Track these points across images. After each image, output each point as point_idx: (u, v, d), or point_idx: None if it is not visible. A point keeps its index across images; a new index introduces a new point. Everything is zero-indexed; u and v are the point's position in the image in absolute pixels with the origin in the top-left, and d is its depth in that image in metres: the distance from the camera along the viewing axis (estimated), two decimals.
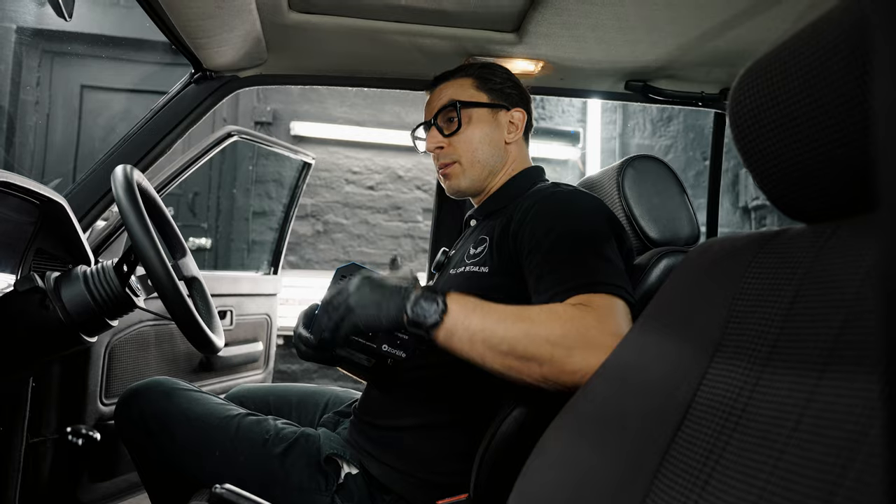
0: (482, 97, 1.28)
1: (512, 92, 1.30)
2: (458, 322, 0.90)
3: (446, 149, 1.27)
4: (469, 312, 0.91)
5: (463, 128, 1.26)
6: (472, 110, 1.26)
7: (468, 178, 1.27)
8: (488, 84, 1.29)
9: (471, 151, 1.26)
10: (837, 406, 0.45)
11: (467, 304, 0.92)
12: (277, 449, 1.11)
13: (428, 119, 1.31)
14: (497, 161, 1.28)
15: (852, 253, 0.52)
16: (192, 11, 1.13)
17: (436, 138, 1.28)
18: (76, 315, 1.06)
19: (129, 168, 1.07)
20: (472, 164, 1.26)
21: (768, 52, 0.59)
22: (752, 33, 1.31)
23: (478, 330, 0.89)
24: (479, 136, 1.26)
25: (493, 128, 1.27)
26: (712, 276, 0.67)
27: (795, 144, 0.55)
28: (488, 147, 1.26)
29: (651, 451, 0.60)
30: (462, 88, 1.28)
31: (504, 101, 1.29)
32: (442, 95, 1.30)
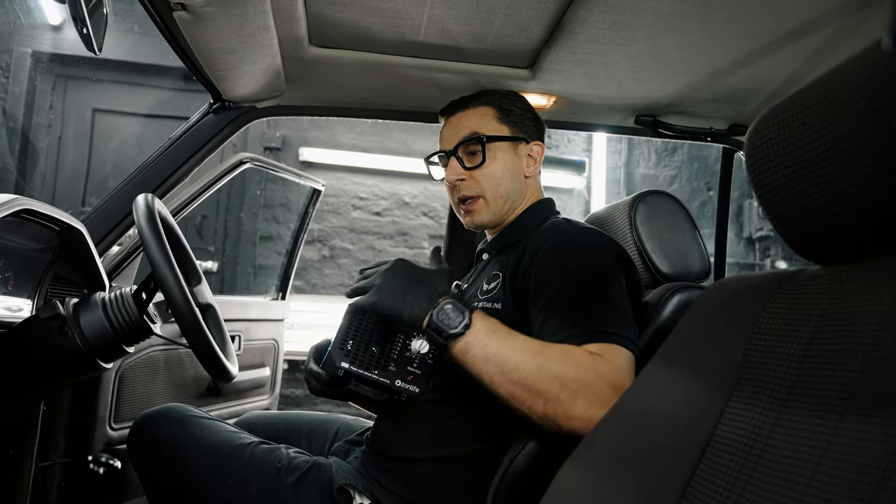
0: (504, 130, 1.26)
1: (531, 124, 1.30)
2: (478, 340, 0.92)
3: (468, 181, 1.25)
4: (490, 333, 0.93)
5: (487, 162, 1.24)
6: (495, 144, 1.25)
7: (491, 213, 1.26)
8: (510, 116, 1.27)
9: (494, 186, 1.24)
10: (859, 449, 0.46)
11: (490, 325, 0.94)
12: (290, 478, 1.11)
13: (447, 148, 1.28)
14: (518, 195, 1.27)
15: (869, 296, 0.53)
16: (215, 46, 1.16)
17: (457, 170, 1.25)
18: (94, 342, 1.07)
19: (150, 197, 1.09)
20: (495, 199, 1.25)
21: (784, 99, 0.60)
22: (761, 72, 1.33)
23: (493, 352, 0.91)
24: (502, 171, 1.25)
25: (514, 162, 1.26)
26: (728, 315, 0.68)
27: (812, 188, 0.56)
28: (510, 182, 1.26)
29: (670, 488, 0.61)
30: (484, 120, 1.26)
31: (524, 134, 1.28)
32: (462, 125, 1.27)
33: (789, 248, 0.63)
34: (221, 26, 1.08)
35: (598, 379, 0.88)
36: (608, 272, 1.04)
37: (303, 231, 2.54)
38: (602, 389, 0.87)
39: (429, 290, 0.96)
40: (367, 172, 4.22)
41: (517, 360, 0.90)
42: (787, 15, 1.12)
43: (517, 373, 0.89)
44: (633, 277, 1.10)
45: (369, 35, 1.25)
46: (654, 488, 0.62)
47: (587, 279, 1.03)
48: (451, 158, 1.27)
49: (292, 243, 2.59)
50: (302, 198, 2.57)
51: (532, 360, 0.90)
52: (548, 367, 0.89)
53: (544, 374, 0.88)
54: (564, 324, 0.97)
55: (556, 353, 0.91)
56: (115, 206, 1.45)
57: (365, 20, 1.20)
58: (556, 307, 1.00)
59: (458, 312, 0.93)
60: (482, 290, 1.18)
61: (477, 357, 0.92)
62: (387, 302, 0.96)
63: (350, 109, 1.63)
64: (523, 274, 1.09)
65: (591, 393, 0.87)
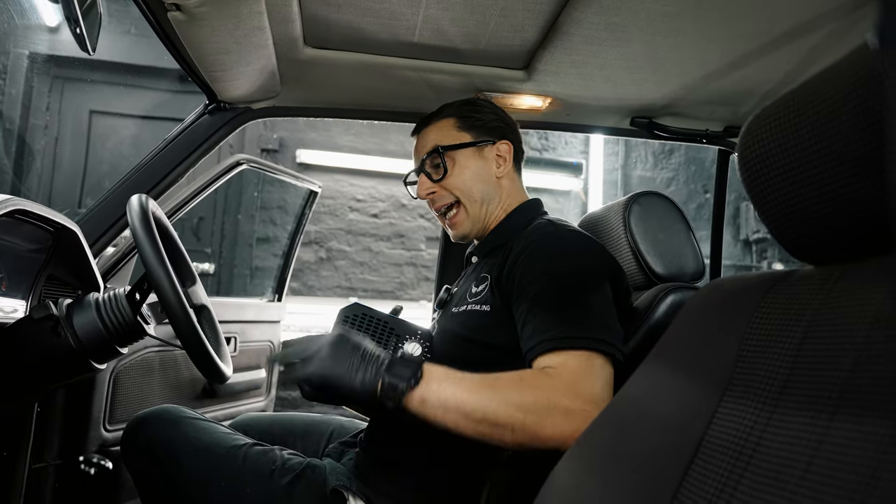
0: (465, 137, 1.28)
1: (497, 125, 1.31)
2: (432, 389, 0.91)
3: (439, 192, 1.29)
4: (443, 380, 0.92)
5: (450, 171, 1.27)
6: (455, 152, 1.27)
7: (471, 220, 1.28)
8: (470, 121, 1.29)
9: (465, 192, 1.27)
10: (850, 449, 0.46)
11: (441, 373, 0.93)
12: (284, 480, 1.10)
13: (416, 167, 1.33)
14: (493, 197, 1.29)
15: (860, 296, 0.53)
16: (210, 46, 1.16)
17: (425, 185, 1.29)
18: (87, 342, 1.06)
19: (144, 197, 1.09)
20: (471, 204, 1.27)
21: (777, 99, 0.60)
22: (756, 74, 1.34)
23: (451, 398, 0.90)
24: (470, 176, 1.27)
25: (480, 165, 1.28)
26: (722, 315, 0.68)
27: (805, 189, 0.56)
28: (481, 184, 1.27)
29: (662, 488, 0.60)
30: (444, 131, 1.29)
31: (488, 136, 1.30)
32: (426, 142, 1.31)
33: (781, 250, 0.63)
34: (216, 27, 1.08)
35: (559, 395, 0.88)
36: (588, 276, 1.04)
37: (299, 233, 2.54)
38: (566, 404, 0.87)
39: (375, 359, 0.93)
40: (365, 174, 4.23)
41: (475, 401, 0.89)
42: (782, 16, 1.13)
43: (478, 412, 0.89)
44: (619, 281, 1.10)
45: (364, 36, 1.25)
46: (648, 488, 0.62)
47: (564, 284, 1.03)
48: (421, 175, 1.31)
49: (289, 245, 2.59)
50: (299, 199, 2.57)
51: (490, 396, 0.89)
52: (507, 398, 0.89)
53: (505, 407, 0.88)
54: (535, 331, 0.98)
55: (511, 382, 0.91)
56: (109, 207, 1.45)
57: (360, 21, 1.20)
58: (534, 311, 1.00)
59: (406, 367, 0.92)
60: (471, 293, 1.18)
61: (436, 407, 0.91)
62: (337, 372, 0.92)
63: (345, 111, 1.63)
64: (507, 275, 1.10)
65: (556, 411, 0.87)
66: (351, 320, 1.09)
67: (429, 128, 1.32)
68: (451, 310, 1.21)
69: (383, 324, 1.10)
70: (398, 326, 1.10)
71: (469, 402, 0.89)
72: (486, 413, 0.89)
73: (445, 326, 1.19)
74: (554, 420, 0.87)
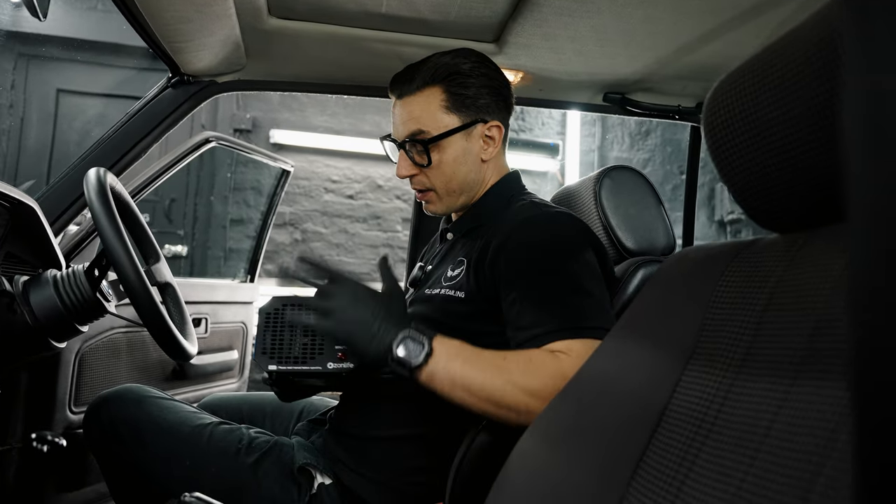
0: (453, 120, 1.16)
1: (487, 101, 1.18)
2: (441, 366, 0.93)
3: (418, 177, 1.19)
4: (452, 357, 0.93)
5: (435, 161, 1.16)
6: (439, 143, 1.16)
7: (445, 205, 1.22)
8: (460, 100, 1.16)
9: (444, 183, 1.18)
10: (809, 412, 0.46)
11: (451, 349, 0.94)
12: (250, 458, 1.09)
13: (396, 139, 1.20)
14: (475, 181, 1.21)
15: (823, 262, 0.53)
16: (170, 15, 1.12)
17: (406, 166, 1.19)
18: (45, 320, 1.04)
19: (102, 171, 1.06)
20: (447, 193, 1.20)
21: (741, 64, 0.59)
22: (728, 48, 1.33)
23: (458, 376, 0.92)
24: (453, 165, 1.17)
25: (466, 149, 1.18)
26: (687, 285, 0.68)
27: (768, 155, 0.56)
28: (464, 170, 1.18)
29: (625, 459, 0.60)
30: (430, 110, 1.15)
31: (477, 116, 1.17)
32: (409, 115, 1.17)
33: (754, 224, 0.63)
34: None
35: (566, 380, 0.87)
36: (579, 260, 1.03)
37: (271, 213, 2.51)
38: None
39: (392, 322, 0.95)
40: (340, 155, 4.18)
41: (483, 380, 0.91)
42: None
43: (485, 392, 0.91)
44: (605, 258, 1.09)
45: (331, 5, 1.22)
46: (610, 459, 0.62)
47: (557, 270, 1.02)
48: (401, 152, 1.19)
49: (261, 225, 2.55)
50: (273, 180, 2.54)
51: (496, 376, 0.91)
52: (513, 380, 0.90)
53: (511, 389, 0.90)
54: (535, 320, 0.97)
55: (519, 364, 0.92)
56: (70, 183, 1.40)
57: None
58: (529, 302, 0.99)
59: (417, 344, 0.93)
60: (446, 276, 1.16)
61: (444, 382, 0.93)
62: (351, 336, 0.94)
63: (313, 85, 1.60)
64: (490, 264, 1.07)
65: None
66: (274, 315, 1.05)
67: (413, 96, 1.16)
68: (425, 290, 1.19)
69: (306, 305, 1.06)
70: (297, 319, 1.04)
71: (476, 381, 0.91)
72: (492, 393, 0.91)
73: (418, 308, 1.17)
74: None
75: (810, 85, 0.51)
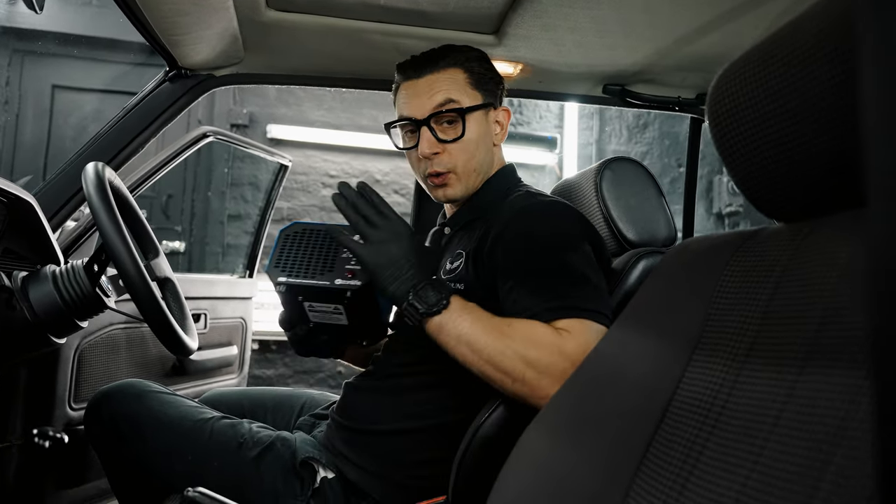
0: (477, 97, 1.17)
1: (497, 88, 1.22)
2: (451, 319, 0.95)
3: (441, 155, 1.15)
4: (463, 313, 0.95)
5: (465, 134, 1.14)
6: (472, 114, 1.16)
7: (463, 187, 1.19)
8: (481, 81, 1.18)
9: (467, 160, 1.16)
10: (818, 401, 0.46)
11: (464, 306, 0.97)
12: (252, 453, 1.09)
13: (417, 116, 1.15)
14: (488, 166, 1.21)
15: (829, 250, 0.52)
16: (167, 8, 1.11)
17: (432, 143, 1.14)
18: (44, 315, 1.03)
19: (100, 165, 1.05)
20: (467, 173, 1.17)
21: (745, 52, 0.59)
22: (728, 38, 1.32)
23: (465, 332, 0.94)
24: (476, 142, 1.16)
25: (486, 130, 1.19)
26: (690, 276, 0.67)
27: (773, 144, 0.55)
28: (483, 152, 1.18)
29: (630, 450, 0.60)
30: (456, 84, 1.15)
31: (493, 99, 1.21)
32: (435, 89, 1.14)
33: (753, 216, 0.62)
34: None
35: (563, 357, 0.89)
36: (576, 246, 1.03)
37: (270, 208, 2.50)
38: (568, 367, 0.87)
39: (420, 270, 0.98)
40: (338, 150, 4.17)
41: (485, 341, 0.93)
42: None
43: (485, 352, 0.92)
44: (601, 248, 1.09)
45: None
46: (615, 450, 0.62)
47: (556, 256, 1.02)
48: (423, 129, 1.15)
49: (259, 220, 2.55)
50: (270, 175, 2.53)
51: (499, 340, 0.92)
52: (514, 347, 0.91)
53: (510, 354, 0.91)
54: (535, 300, 0.97)
55: (522, 332, 0.93)
56: (67, 178, 1.40)
57: None
58: (526, 286, 1.00)
59: (436, 293, 0.96)
60: (445, 269, 1.15)
61: (450, 336, 0.95)
62: (382, 269, 0.97)
63: (312, 78, 1.59)
64: (488, 253, 1.07)
65: (556, 371, 0.88)
66: (292, 238, 1.09)
67: (437, 73, 1.16)
68: None
69: (323, 234, 1.10)
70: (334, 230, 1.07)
71: (480, 341, 0.93)
72: (492, 356, 0.92)
73: None
74: (552, 379, 0.88)
75: (819, 70, 0.50)
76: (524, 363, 0.90)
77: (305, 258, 1.07)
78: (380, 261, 0.97)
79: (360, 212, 0.99)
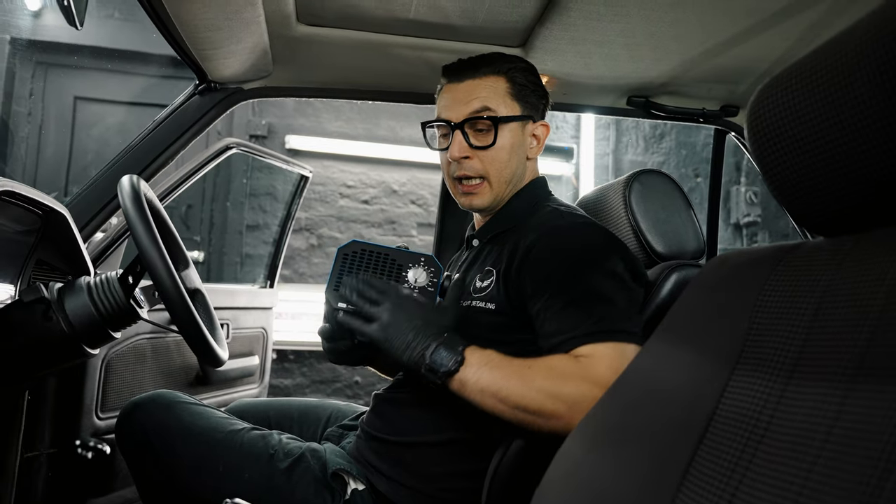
0: (516, 108, 1.18)
1: (539, 102, 1.23)
2: (471, 374, 0.95)
3: (472, 160, 1.17)
4: (482, 366, 0.95)
5: (497, 143, 1.16)
6: (506, 125, 1.17)
7: (493, 197, 1.19)
8: (522, 92, 1.19)
9: (499, 170, 1.17)
10: (871, 418, 0.45)
11: (482, 358, 0.96)
12: (283, 464, 1.09)
13: (453, 120, 1.17)
14: (520, 178, 1.22)
15: (875, 267, 0.52)
16: (200, 23, 1.13)
17: (463, 147, 1.15)
18: (80, 327, 1.04)
19: (135, 178, 1.06)
20: (499, 183, 1.18)
21: (789, 66, 0.59)
22: (755, 51, 1.33)
23: (487, 384, 0.94)
24: (509, 153, 1.18)
25: (521, 143, 1.20)
26: (730, 289, 0.67)
27: (817, 157, 0.55)
28: (515, 164, 1.19)
29: (672, 464, 0.60)
30: (496, 93, 1.16)
31: (532, 112, 1.21)
32: (473, 96, 1.16)
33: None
34: (207, 2, 1.06)
35: (592, 385, 0.90)
36: (604, 270, 1.03)
37: (290, 218, 2.52)
38: (598, 393, 0.86)
39: (429, 332, 0.98)
40: (355, 160, 4.18)
41: (510, 387, 0.93)
42: None
43: (513, 399, 0.93)
44: (635, 264, 1.09)
45: (359, 12, 1.23)
46: (658, 464, 0.61)
47: (581, 280, 1.02)
48: (457, 132, 1.16)
49: (280, 231, 2.56)
50: (289, 186, 2.55)
51: (523, 383, 0.93)
52: (539, 386, 0.92)
53: (539, 395, 0.92)
54: (560, 328, 0.98)
55: (545, 370, 0.94)
56: (99, 190, 1.42)
57: None
58: (552, 311, 1.00)
59: (451, 351, 0.96)
60: (475, 286, 1.15)
61: (473, 391, 0.95)
62: (390, 343, 0.98)
63: (339, 91, 1.60)
64: (517, 273, 1.08)
65: (588, 400, 0.88)
66: (350, 258, 1.08)
67: (478, 80, 1.17)
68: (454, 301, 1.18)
69: (383, 256, 1.09)
70: (399, 257, 1.08)
71: (504, 389, 0.93)
72: (520, 400, 0.92)
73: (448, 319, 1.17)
74: (585, 408, 0.85)
75: (864, 85, 0.50)
76: (555, 399, 0.91)
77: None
78: (387, 336, 0.98)
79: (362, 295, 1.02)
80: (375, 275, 1.06)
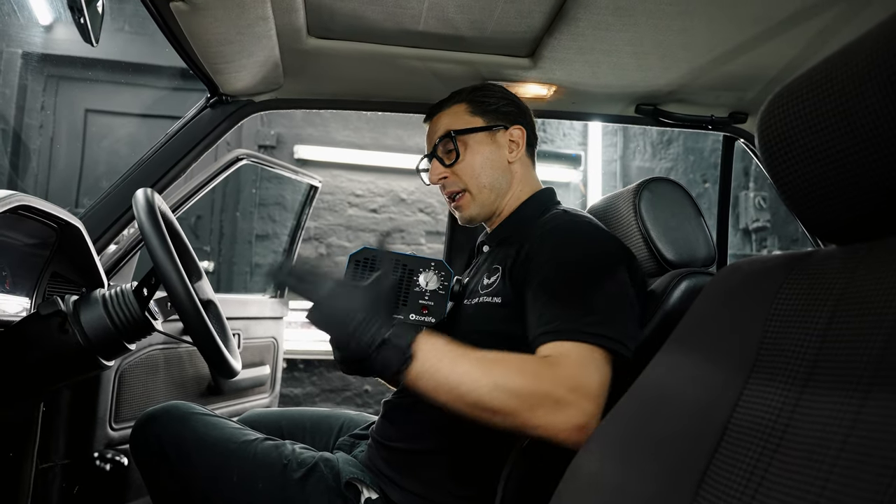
0: (477, 121, 1.27)
1: (509, 110, 1.30)
2: (425, 368, 0.88)
3: (450, 178, 1.27)
4: (439, 358, 0.89)
5: (462, 156, 1.25)
6: (467, 137, 1.26)
7: (478, 205, 1.27)
8: (482, 107, 1.28)
9: (475, 178, 1.25)
10: (888, 426, 0.45)
11: (437, 350, 0.90)
12: (296, 474, 1.10)
13: (427, 152, 1.32)
14: (503, 182, 1.27)
15: (891, 273, 0.52)
16: (212, 38, 1.14)
17: (437, 170, 1.28)
18: (95, 339, 1.05)
19: (149, 191, 1.08)
20: (479, 191, 1.26)
21: (800, 74, 0.59)
22: (763, 58, 1.33)
23: (444, 378, 0.88)
24: (481, 161, 1.25)
25: (493, 150, 1.27)
26: (743, 298, 0.67)
27: (828, 166, 0.56)
28: (491, 170, 1.26)
29: (688, 472, 0.60)
30: (456, 116, 1.28)
31: (501, 121, 1.28)
32: (438, 127, 1.30)
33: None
34: (219, 17, 1.07)
35: (555, 385, 0.87)
36: (600, 266, 1.03)
37: (300, 227, 2.53)
38: (561, 395, 0.86)
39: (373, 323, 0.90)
40: (363, 169, 4.20)
41: (468, 383, 0.87)
42: None
43: (471, 395, 0.87)
44: (634, 271, 1.09)
45: (368, 25, 1.24)
46: (672, 473, 0.62)
47: (573, 274, 1.02)
48: (433, 160, 1.30)
49: (290, 240, 2.58)
50: (298, 196, 2.56)
51: (484, 379, 0.87)
52: (500, 383, 0.87)
53: (498, 392, 0.86)
54: (539, 321, 0.97)
55: (510, 367, 0.89)
56: (112, 203, 1.43)
57: (364, 10, 1.19)
58: (540, 299, 1.00)
59: (396, 350, 0.88)
60: (482, 284, 1.17)
61: (428, 385, 0.89)
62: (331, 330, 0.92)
63: (349, 102, 1.61)
64: (521, 266, 1.09)
65: (548, 401, 0.86)
66: (362, 264, 1.08)
67: (441, 114, 1.31)
68: (464, 301, 1.20)
69: (394, 261, 1.09)
70: (410, 262, 1.09)
71: (462, 385, 0.87)
72: (479, 397, 0.87)
73: (458, 319, 1.18)
74: (545, 410, 0.86)
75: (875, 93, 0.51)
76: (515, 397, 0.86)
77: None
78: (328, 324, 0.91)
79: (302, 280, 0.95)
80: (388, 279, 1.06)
